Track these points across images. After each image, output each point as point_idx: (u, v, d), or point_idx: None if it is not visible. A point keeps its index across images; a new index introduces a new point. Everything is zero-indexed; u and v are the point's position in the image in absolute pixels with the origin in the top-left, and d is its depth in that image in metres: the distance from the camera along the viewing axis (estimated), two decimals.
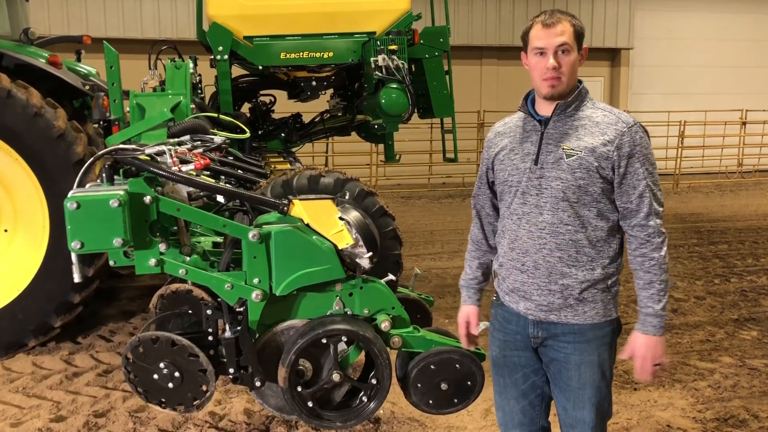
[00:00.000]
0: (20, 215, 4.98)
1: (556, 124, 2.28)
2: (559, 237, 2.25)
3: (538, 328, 2.35)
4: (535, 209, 2.29)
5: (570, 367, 2.32)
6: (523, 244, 2.31)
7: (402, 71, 5.26)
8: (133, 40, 12.39)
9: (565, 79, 2.22)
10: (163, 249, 2.66)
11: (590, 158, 2.20)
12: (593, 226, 2.25)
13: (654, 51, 16.85)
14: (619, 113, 2.27)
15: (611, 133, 2.21)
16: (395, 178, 14.10)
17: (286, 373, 2.66)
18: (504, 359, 2.48)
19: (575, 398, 2.34)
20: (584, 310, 2.28)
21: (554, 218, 2.25)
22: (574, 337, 2.30)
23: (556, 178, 2.24)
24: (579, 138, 2.23)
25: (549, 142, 2.27)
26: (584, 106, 2.28)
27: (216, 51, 5.36)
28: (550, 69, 2.20)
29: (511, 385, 2.48)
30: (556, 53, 2.20)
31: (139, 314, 5.82)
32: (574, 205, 2.23)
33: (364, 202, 3.48)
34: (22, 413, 4.06)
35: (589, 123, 2.24)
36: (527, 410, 2.49)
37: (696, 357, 4.88)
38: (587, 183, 2.22)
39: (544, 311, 2.31)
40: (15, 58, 5.13)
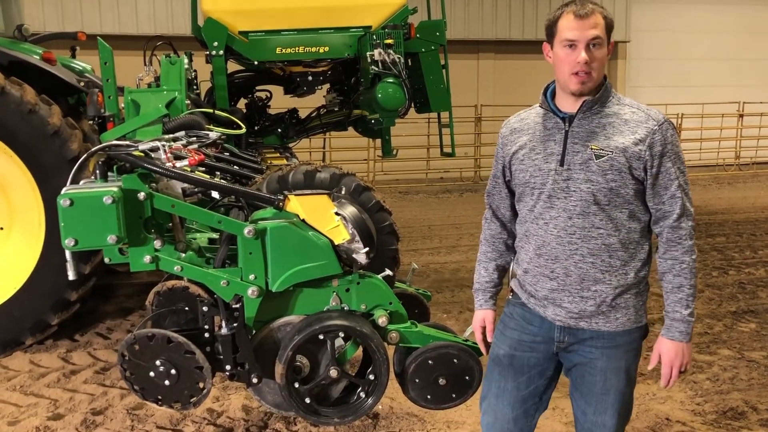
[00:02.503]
0: (16, 213, 4.96)
1: (581, 122, 2.15)
2: (591, 242, 2.14)
3: (565, 334, 2.24)
4: (563, 213, 2.16)
5: (595, 372, 2.23)
6: (552, 251, 2.18)
7: (398, 65, 5.24)
8: (129, 36, 12.34)
9: (596, 75, 2.09)
10: (158, 246, 2.65)
11: (622, 159, 2.08)
12: (627, 229, 2.15)
13: (651, 44, 16.82)
14: (647, 110, 2.16)
15: (642, 131, 2.09)
16: (393, 173, 14.08)
17: (284, 370, 2.65)
18: (511, 359, 2.34)
19: (597, 403, 2.25)
20: (616, 317, 2.18)
21: (585, 222, 2.13)
22: (603, 342, 2.21)
23: (585, 180, 2.12)
24: (608, 137, 2.11)
25: (575, 141, 2.14)
26: (610, 103, 2.17)
27: (211, 46, 5.34)
28: (582, 63, 2.05)
29: (513, 389, 2.35)
30: (588, 47, 2.05)
31: (137, 311, 5.80)
32: (605, 208, 2.12)
33: (361, 198, 3.47)
34: (19, 411, 4.04)
35: (618, 121, 2.13)
36: (520, 419, 2.36)
37: (694, 350, 4.87)
38: (619, 185, 2.10)
39: (574, 318, 2.20)
40: (9, 54, 5.09)
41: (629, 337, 2.21)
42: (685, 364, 2.18)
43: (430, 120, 11.94)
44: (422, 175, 14.38)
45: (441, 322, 3.31)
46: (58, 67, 5.37)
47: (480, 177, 14.40)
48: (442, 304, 5.90)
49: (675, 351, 2.16)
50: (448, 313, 5.72)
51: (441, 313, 5.60)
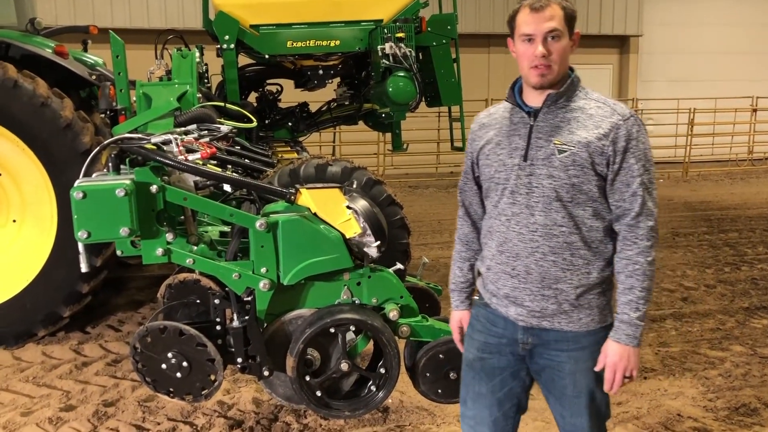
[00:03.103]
0: (28, 205, 4.99)
1: (546, 116, 2.10)
2: (552, 239, 2.08)
3: (528, 335, 2.18)
4: (525, 209, 2.11)
5: (564, 376, 2.16)
6: (514, 248, 2.13)
7: (409, 59, 5.23)
8: (140, 30, 12.37)
9: (556, 68, 2.05)
10: (171, 238, 2.66)
11: (584, 154, 2.03)
12: (588, 227, 2.08)
13: (663, 37, 16.69)
14: (614, 104, 2.09)
15: (606, 126, 2.03)
16: (403, 168, 14.06)
17: (295, 363, 2.66)
18: (481, 362, 2.28)
19: (572, 406, 2.20)
20: (579, 317, 2.12)
21: (547, 219, 2.08)
22: (568, 345, 2.14)
23: (548, 175, 2.07)
24: (572, 132, 2.06)
25: (539, 136, 2.09)
26: (576, 97, 2.11)
27: (222, 40, 5.35)
28: (539, 57, 2.03)
29: (487, 392, 2.28)
30: (546, 40, 2.03)
31: (148, 304, 5.83)
32: (567, 204, 2.07)
33: (372, 191, 3.47)
34: (32, 402, 4.07)
35: (583, 115, 2.07)
36: (499, 422, 2.29)
37: (706, 345, 4.85)
38: (582, 181, 2.05)
39: (536, 317, 2.14)
40: (22, 48, 5.12)
41: (595, 338, 2.14)
42: (630, 369, 2.08)
43: (440, 114, 11.89)
44: (432, 170, 14.35)
45: None
46: (70, 60, 5.39)
47: None
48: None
49: (620, 354, 2.07)
50: None
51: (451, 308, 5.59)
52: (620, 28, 16.17)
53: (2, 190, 5.01)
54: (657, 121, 15.60)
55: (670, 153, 15.23)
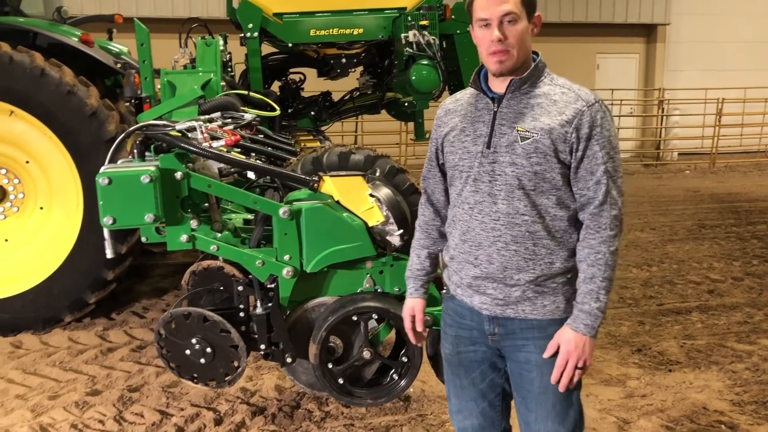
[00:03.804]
0: (55, 193, 5.06)
1: (510, 102, 2.04)
2: (515, 228, 2.03)
3: (494, 324, 2.12)
4: (488, 198, 2.06)
5: (531, 368, 2.08)
6: (476, 237, 2.08)
7: (433, 47, 5.18)
8: (164, 19, 12.43)
9: (515, 52, 1.97)
10: (195, 225, 2.67)
11: (547, 141, 1.97)
12: (552, 216, 2.03)
13: (692, 26, 16.38)
14: (579, 90, 2.02)
15: (570, 112, 1.97)
16: (424, 157, 13.94)
17: (317, 350, 2.66)
18: (458, 357, 2.24)
19: (537, 406, 2.11)
20: (543, 304, 2.06)
21: (509, 208, 2.03)
22: (533, 333, 2.07)
23: (510, 163, 2.01)
24: (535, 118, 1.99)
25: (503, 122, 2.03)
26: (541, 83, 2.04)
27: (246, 28, 5.34)
28: (495, 41, 1.95)
29: (469, 385, 2.24)
30: (501, 23, 1.95)
31: (172, 291, 5.88)
32: (530, 193, 2.01)
33: (395, 180, 3.45)
34: (59, 386, 4.14)
35: (546, 101, 2.01)
36: (487, 412, 2.26)
37: (733, 339, 4.77)
38: (544, 169, 1.99)
39: (500, 305, 2.09)
40: (48, 36, 5.18)
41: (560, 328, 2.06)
42: (583, 359, 2.01)
43: None
44: None
45: None
46: (95, 49, 5.44)
47: None
48: None
49: (575, 343, 2.00)
50: None
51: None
52: (647, 17, 15.91)
53: (30, 177, 5.08)
54: (684, 112, 15.36)
55: (697, 144, 15.00)
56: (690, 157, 14.79)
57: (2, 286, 5.01)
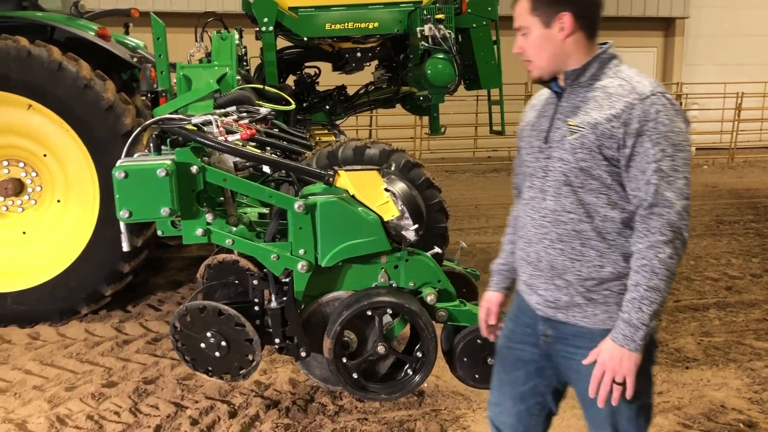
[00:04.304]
0: (72, 186, 5.09)
1: (569, 96, 1.99)
2: (560, 226, 1.96)
3: (547, 326, 2.07)
4: (540, 194, 2.02)
5: (582, 378, 1.98)
6: (527, 233, 2.07)
7: (449, 41, 5.15)
8: (180, 13, 12.48)
9: (536, 62, 1.98)
10: (210, 219, 2.67)
11: (592, 136, 1.89)
12: (602, 217, 1.92)
13: (711, 20, 16.19)
14: (638, 82, 1.90)
15: (619, 105, 1.87)
16: (440, 152, 13.97)
17: (331, 344, 2.66)
18: (507, 351, 2.22)
19: (591, 416, 2.05)
20: (594, 312, 1.96)
21: (556, 205, 1.97)
22: (584, 342, 1.97)
23: (559, 158, 1.96)
24: (586, 112, 1.92)
25: (559, 117, 2.00)
26: (603, 75, 1.96)
27: (261, 22, 5.34)
28: (517, 54, 2.02)
29: (510, 382, 2.20)
30: (519, 36, 2.00)
31: (187, 284, 5.91)
32: (578, 190, 1.93)
33: (410, 174, 3.42)
34: (75, 378, 4.18)
35: (602, 95, 1.92)
36: (523, 417, 2.19)
37: (752, 336, 4.72)
38: (590, 165, 1.90)
39: (551, 308, 2.03)
40: (66, 31, 5.21)
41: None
42: (621, 374, 1.86)
43: (478, 97, 11.75)
44: (470, 154, 14.22)
45: None
46: (112, 43, 5.46)
47: None
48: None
49: (611, 353, 1.87)
50: None
51: None
52: (665, 10, 15.74)
53: (47, 170, 5.12)
54: (702, 106, 15.19)
55: (716, 139, 14.83)
56: (708, 152, 14.63)
57: (20, 279, 5.06)
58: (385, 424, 3.54)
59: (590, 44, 1.97)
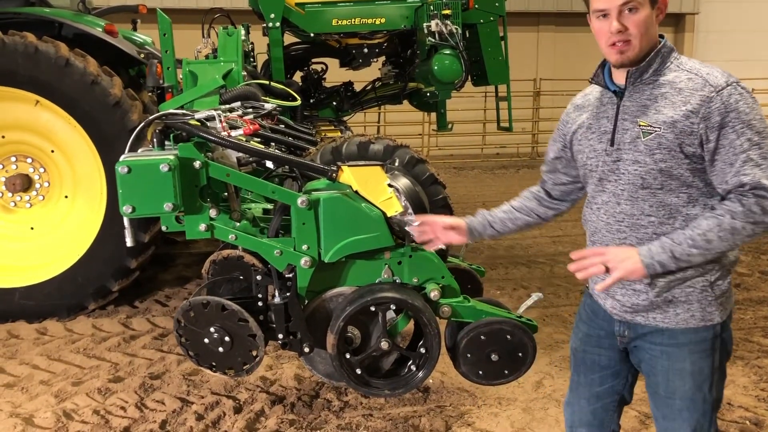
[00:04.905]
0: (79, 182, 5.12)
1: (632, 94, 1.94)
2: (640, 231, 1.92)
3: (624, 327, 2.07)
4: (613, 198, 1.97)
5: (656, 372, 2.02)
6: (603, 238, 2.02)
7: (456, 37, 5.14)
8: (188, 9, 12.50)
9: (637, 42, 1.87)
10: (214, 214, 2.67)
11: (670, 135, 1.83)
12: (684, 216, 1.88)
13: (722, 15, 16.06)
14: (708, 74, 1.85)
15: (696, 101, 1.81)
16: (447, 149, 13.93)
17: (335, 340, 2.65)
18: (583, 354, 2.23)
19: (664, 407, 2.04)
20: (676, 312, 1.94)
21: (633, 209, 1.93)
22: (663, 339, 1.98)
23: (633, 161, 1.90)
24: (658, 111, 1.86)
25: (625, 117, 1.94)
26: (667, 69, 1.90)
27: (268, 18, 5.35)
28: (615, 33, 1.86)
29: (586, 384, 2.23)
30: (621, 13, 1.84)
31: (194, 280, 5.93)
32: (657, 192, 1.88)
33: (414, 170, 3.43)
34: (82, 373, 4.20)
35: (671, 91, 1.86)
36: (598, 412, 2.24)
37: (760, 334, 4.68)
38: (670, 165, 1.85)
39: (629, 312, 2.02)
40: (73, 27, 5.23)
41: (696, 336, 1.95)
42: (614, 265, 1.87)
43: (486, 94, 11.73)
44: (478, 151, 14.19)
45: (496, 299, 3.26)
46: (119, 39, 5.48)
47: (537, 153, 14.12)
48: (495, 281, 5.83)
49: (626, 252, 1.88)
50: (501, 289, 5.65)
51: (494, 290, 5.54)
52: (675, 6, 15.62)
53: (55, 166, 5.15)
54: None
55: None
56: None
57: (28, 274, 5.09)
58: (390, 420, 3.54)
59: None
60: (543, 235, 7.48)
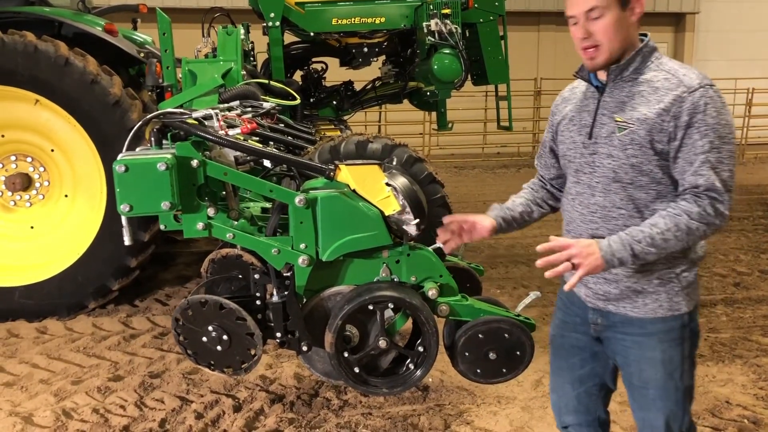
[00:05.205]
0: (79, 181, 5.13)
1: (612, 91, 2.01)
2: (611, 222, 2.00)
3: (597, 315, 2.15)
4: (587, 189, 2.05)
5: (630, 363, 2.10)
6: (576, 228, 2.10)
7: (455, 36, 5.15)
8: (189, 9, 12.51)
9: (606, 47, 1.93)
10: (212, 213, 2.67)
11: (642, 131, 1.91)
12: (652, 211, 1.96)
13: (722, 15, 16.06)
14: (684, 75, 1.92)
15: (668, 99, 1.88)
16: (448, 148, 13.93)
17: (333, 339, 2.65)
18: (562, 339, 2.31)
19: (639, 398, 2.12)
20: (644, 302, 2.03)
21: (606, 201, 2.00)
22: (633, 329, 2.06)
23: (607, 155, 1.98)
24: (633, 108, 1.94)
25: (604, 112, 2.01)
26: (647, 68, 1.97)
27: (268, 18, 5.36)
28: (581, 39, 1.95)
29: (567, 368, 2.31)
30: (588, 20, 1.92)
31: (194, 279, 5.94)
32: (627, 186, 1.97)
33: (413, 169, 3.43)
34: (82, 372, 4.21)
35: (648, 89, 1.93)
36: (582, 398, 2.31)
37: (759, 332, 4.68)
38: (641, 161, 1.93)
39: (602, 300, 2.11)
40: (73, 26, 5.24)
41: (664, 326, 2.03)
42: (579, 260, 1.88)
43: (487, 93, 11.74)
44: (478, 150, 14.19)
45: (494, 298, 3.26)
46: (119, 38, 5.49)
47: None
48: (495, 280, 5.83)
49: (589, 247, 1.89)
50: (501, 288, 5.65)
51: (494, 289, 5.55)
52: (676, 5, 15.63)
53: (55, 165, 5.15)
54: None
55: None
56: None
57: (28, 273, 5.10)
58: (389, 418, 3.55)
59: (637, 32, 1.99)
60: (543, 234, 7.47)
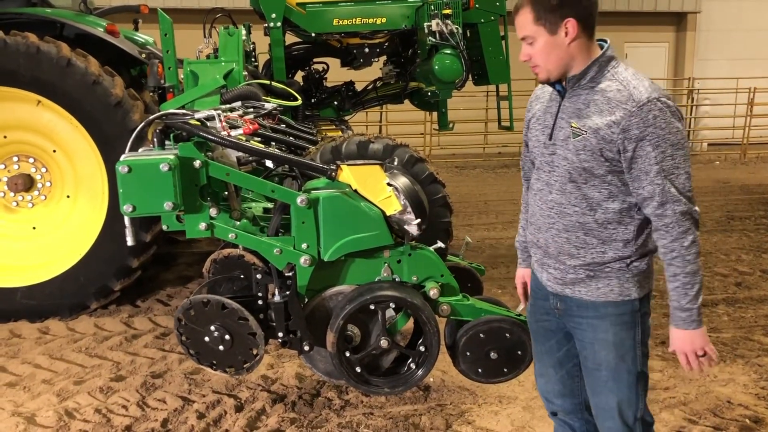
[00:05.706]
0: (81, 181, 5.14)
1: (571, 97, 2.12)
2: (566, 218, 2.15)
3: (556, 300, 2.29)
4: (546, 186, 2.20)
5: (585, 345, 2.23)
6: (537, 221, 2.26)
7: (456, 36, 5.15)
8: (190, 9, 12.51)
9: (543, 67, 2.09)
10: (214, 213, 2.68)
11: (593, 140, 2.03)
12: (603, 209, 2.10)
13: (723, 14, 16.02)
14: (634, 87, 2.01)
15: (619, 113, 1.99)
16: (449, 148, 13.92)
17: (335, 338, 2.66)
18: (536, 324, 2.44)
19: (593, 381, 2.24)
20: (597, 287, 2.16)
21: (562, 198, 2.15)
22: (587, 312, 2.20)
23: (564, 157, 2.12)
24: (587, 116, 2.06)
25: (563, 116, 2.13)
26: (603, 77, 2.07)
27: (269, 18, 5.36)
28: (523, 61, 2.13)
29: (546, 352, 2.42)
30: (526, 44, 2.10)
31: (196, 279, 5.95)
32: (582, 186, 2.10)
33: (414, 169, 3.44)
34: (84, 372, 4.22)
35: (602, 98, 2.04)
36: (566, 380, 2.41)
37: (760, 332, 4.69)
38: (592, 166, 2.06)
39: (559, 284, 2.25)
40: (74, 27, 5.24)
41: (616, 309, 2.16)
42: (696, 349, 2.08)
43: (488, 93, 11.74)
44: (479, 150, 14.18)
45: (494, 297, 3.27)
46: (121, 39, 5.50)
47: None
48: (497, 280, 5.83)
49: (681, 338, 2.09)
50: (503, 288, 5.65)
51: (496, 289, 5.55)
52: (677, 5, 15.61)
53: (56, 166, 5.16)
54: (714, 102, 15.06)
55: (728, 134, 14.69)
56: (720, 148, 14.52)
57: (30, 273, 5.11)
58: (390, 418, 3.55)
59: (591, 44, 2.09)
60: None
